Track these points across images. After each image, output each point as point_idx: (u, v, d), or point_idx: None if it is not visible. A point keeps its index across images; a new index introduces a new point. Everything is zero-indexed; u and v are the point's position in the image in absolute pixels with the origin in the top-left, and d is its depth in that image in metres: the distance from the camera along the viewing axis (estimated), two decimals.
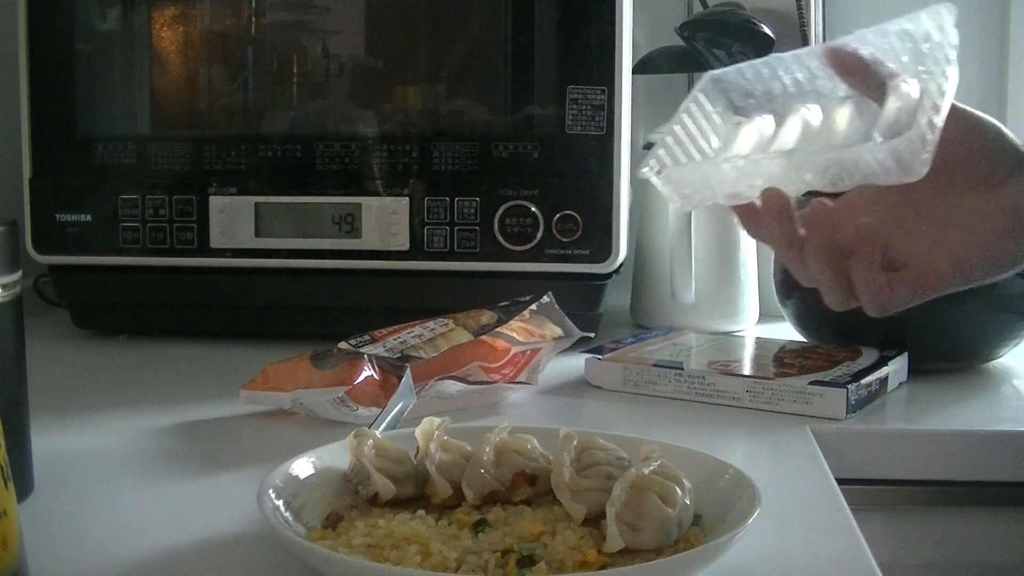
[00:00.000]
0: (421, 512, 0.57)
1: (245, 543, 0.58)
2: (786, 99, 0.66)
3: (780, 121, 0.66)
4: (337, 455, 0.62)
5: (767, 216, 0.63)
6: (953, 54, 0.61)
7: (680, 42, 1.27)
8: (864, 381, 0.84)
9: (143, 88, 1.09)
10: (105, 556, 0.57)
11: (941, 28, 0.61)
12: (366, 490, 0.59)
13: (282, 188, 1.05)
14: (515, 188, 1.02)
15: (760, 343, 1.02)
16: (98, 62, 1.08)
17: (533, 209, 1.02)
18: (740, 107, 0.68)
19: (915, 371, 0.93)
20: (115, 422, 0.82)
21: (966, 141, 0.62)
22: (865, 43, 0.64)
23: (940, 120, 0.58)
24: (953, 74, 0.60)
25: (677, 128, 0.67)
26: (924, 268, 0.63)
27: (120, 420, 0.82)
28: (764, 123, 0.67)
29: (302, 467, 0.61)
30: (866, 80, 0.63)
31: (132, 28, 1.08)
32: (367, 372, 0.79)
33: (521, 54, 1.03)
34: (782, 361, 0.91)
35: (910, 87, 0.61)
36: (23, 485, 0.62)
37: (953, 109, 0.60)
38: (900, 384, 0.91)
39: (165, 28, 1.08)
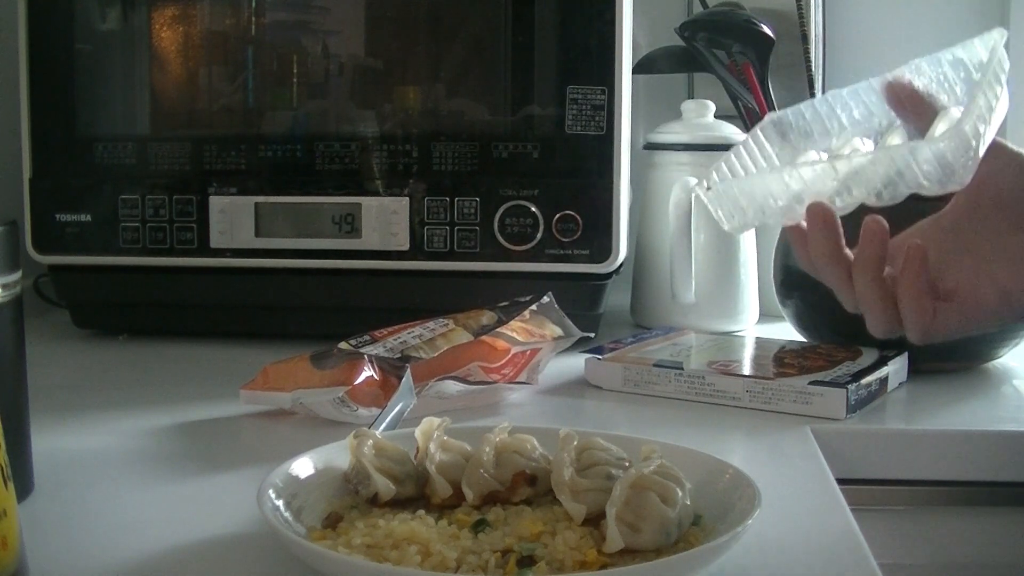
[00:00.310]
0: (421, 512, 0.57)
1: (245, 543, 0.58)
2: (842, 136, 0.67)
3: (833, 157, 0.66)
4: (337, 455, 0.62)
5: (812, 230, 0.62)
6: (1003, 77, 0.61)
7: (680, 42, 1.27)
8: (864, 381, 0.84)
9: (143, 88, 1.09)
10: (105, 556, 0.57)
11: (993, 52, 0.62)
12: (366, 490, 0.59)
13: (282, 188, 1.05)
14: (515, 188, 1.02)
15: (760, 343, 1.02)
16: (98, 62, 1.08)
17: (533, 209, 1.02)
18: (798, 148, 0.68)
19: (915, 371, 0.93)
20: (115, 422, 0.82)
21: (1020, 181, 0.63)
22: (920, 73, 0.64)
23: (987, 130, 0.58)
24: (1004, 95, 0.61)
25: (732, 157, 0.68)
26: (971, 298, 0.63)
27: (120, 420, 0.82)
28: (818, 156, 0.67)
29: (302, 467, 0.61)
30: (920, 113, 0.64)
31: (132, 28, 1.08)
32: (367, 372, 0.79)
33: (521, 54, 1.03)
34: (782, 361, 0.91)
35: (960, 112, 0.61)
36: (23, 485, 0.62)
37: (1009, 151, 0.62)
38: (900, 384, 0.91)
39: (165, 28, 1.08)
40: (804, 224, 0.63)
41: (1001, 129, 0.65)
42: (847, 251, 0.63)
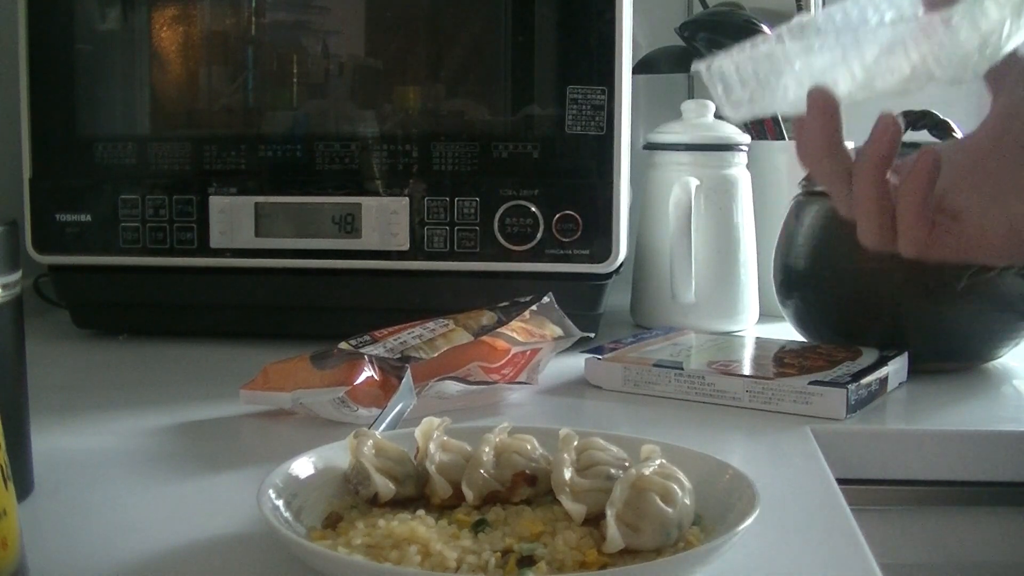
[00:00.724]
0: (421, 512, 0.57)
1: (245, 543, 0.58)
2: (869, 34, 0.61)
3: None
4: (337, 455, 0.62)
5: (810, 118, 0.57)
6: None
7: (680, 42, 1.27)
8: (864, 381, 0.84)
9: (143, 88, 1.09)
10: (105, 556, 0.57)
11: None
12: (366, 490, 0.59)
13: (282, 188, 1.05)
14: (515, 188, 1.02)
15: (760, 343, 1.02)
16: (98, 62, 1.08)
17: (533, 209, 1.02)
18: (818, 48, 0.62)
19: (915, 371, 0.93)
20: (115, 422, 0.82)
21: None
22: None
23: (1012, 25, 0.54)
24: None
25: (748, 46, 0.62)
26: (977, 224, 0.58)
27: (120, 420, 0.82)
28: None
29: (302, 467, 0.61)
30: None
31: (132, 28, 1.08)
32: (367, 373, 0.79)
33: (521, 54, 1.03)
34: (782, 361, 0.91)
35: None
36: (23, 485, 0.62)
37: None
38: (900, 384, 0.91)
39: (165, 28, 1.08)
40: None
41: None
42: (847, 145, 0.58)
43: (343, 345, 0.82)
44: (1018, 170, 0.58)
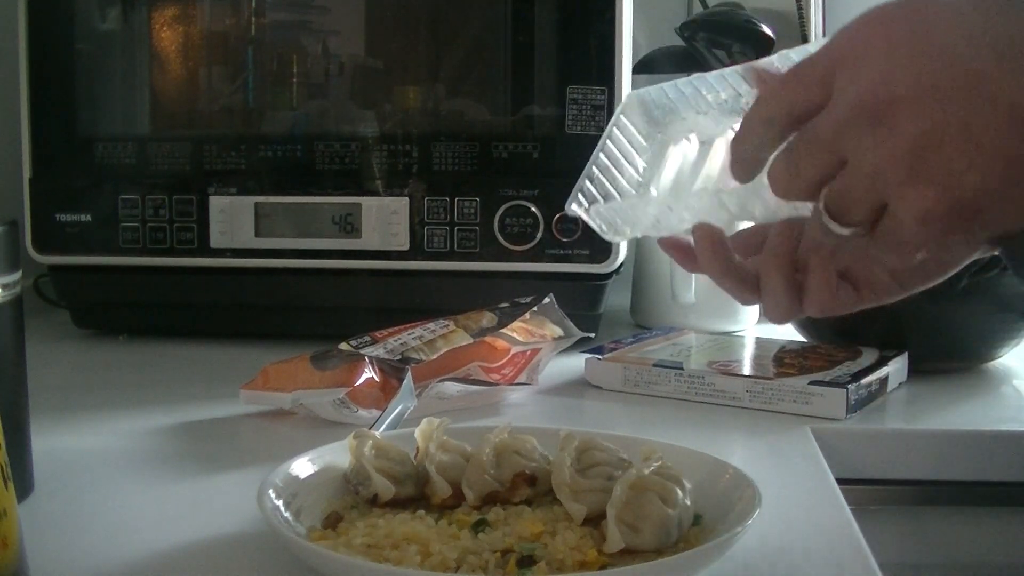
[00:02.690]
0: (421, 512, 0.57)
1: (245, 543, 0.58)
2: (710, 119, 0.64)
3: (705, 142, 0.64)
4: (337, 455, 0.62)
5: (702, 253, 0.60)
6: None
7: (680, 42, 1.27)
8: (864, 381, 0.84)
9: (143, 88, 1.09)
10: (105, 556, 0.57)
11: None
12: (366, 491, 0.59)
13: (282, 188, 1.05)
14: (515, 188, 1.02)
15: (760, 343, 1.02)
16: (98, 62, 1.08)
17: (533, 209, 1.02)
18: (664, 124, 0.66)
19: (915, 371, 0.93)
20: (115, 422, 0.82)
21: None
22: (789, 62, 0.60)
23: None
24: None
25: (602, 156, 0.65)
26: (865, 279, 0.62)
27: (120, 420, 0.82)
28: (689, 147, 0.65)
29: (302, 467, 0.61)
30: None
31: (132, 28, 1.08)
32: (367, 374, 0.79)
33: (521, 54, 1.03)
34: (782, 361, 0.91)
35: None
36: (23, 485, 0.62)
37: None
38: (900, 384, 0.91)
39: (165, 28, 1.08)
40: (689, 240, 0.62)
41: None
42: (737, 258, 0.61)
43: (343, 346, 0.82)
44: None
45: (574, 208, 0.65)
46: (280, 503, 0.57)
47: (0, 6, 1.13)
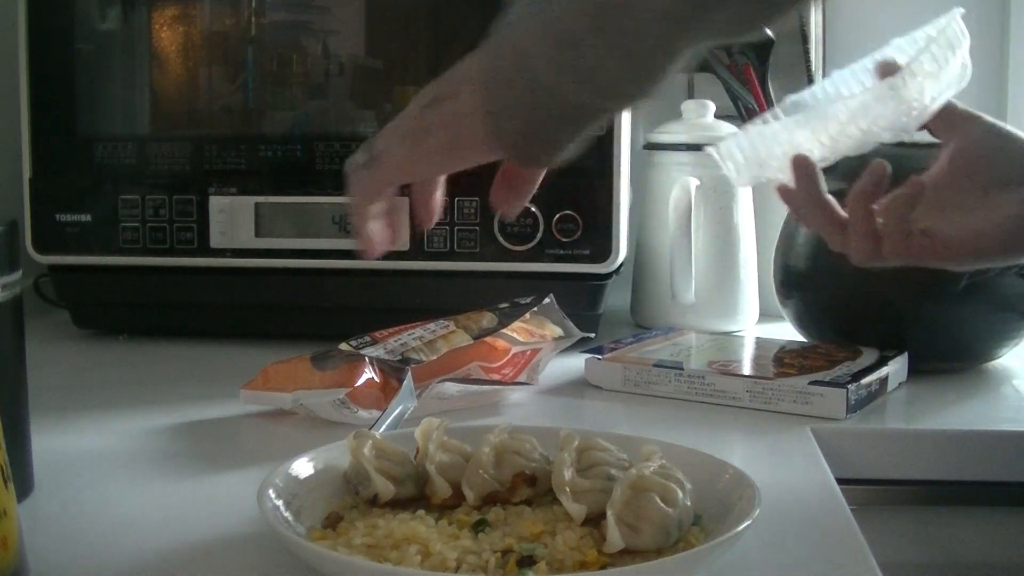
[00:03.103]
0: (421, 512, 0.57)
1: (245, 543, 0.58)
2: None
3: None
4: (337, 455, 0.62)
5: (796, 181, 0.72)
6: (959, 45, 0.73)
7: None
8: (864, 381, 0.84)
9: (143, 88, 1.09)
10: (105, 556, 0.57)
11: (944, 25, 0.73)
12: (366, 491, 0.59)
13: (282, 188, 1.05)
14: None
15: (760, 343, 1.02)
16: (98, 62, 1.08)
17: (533, 209, 1.02)
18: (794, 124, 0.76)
19: (915, 371, 0.93)
20: (115, 422, 0.82)
21: (994, 147, 0.74)
22: (900, 50, 0.76)
23: (932, 87, 0.71)
24: (956, 62, 0.73)
25: (752, 128, 0.76)
26: (946, 237, 0.71)
27: (120, 420, 0.82)
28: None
29: (302, 467, 0.61)
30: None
31: (132, 28, 1.08)
32: (368, 374, 0.79)
33: None
34: (782, 361, 0.91)
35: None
36: (23, 485, 0.62)
37: (982, 122, 0.74)
38: (900, 384, 0.91)
39: (165, 28, 1.08)
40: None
41: (1001, 120, 0.75)
42: (828, 196, 0.72)
43: (343, 346, 0.82)
44: (985, 198, 0.73)
45: (708, 148, 0.78)
46: (280, 503, 0.57)
47: (0, 6, 1.13)
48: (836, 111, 0.72)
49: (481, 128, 0.63)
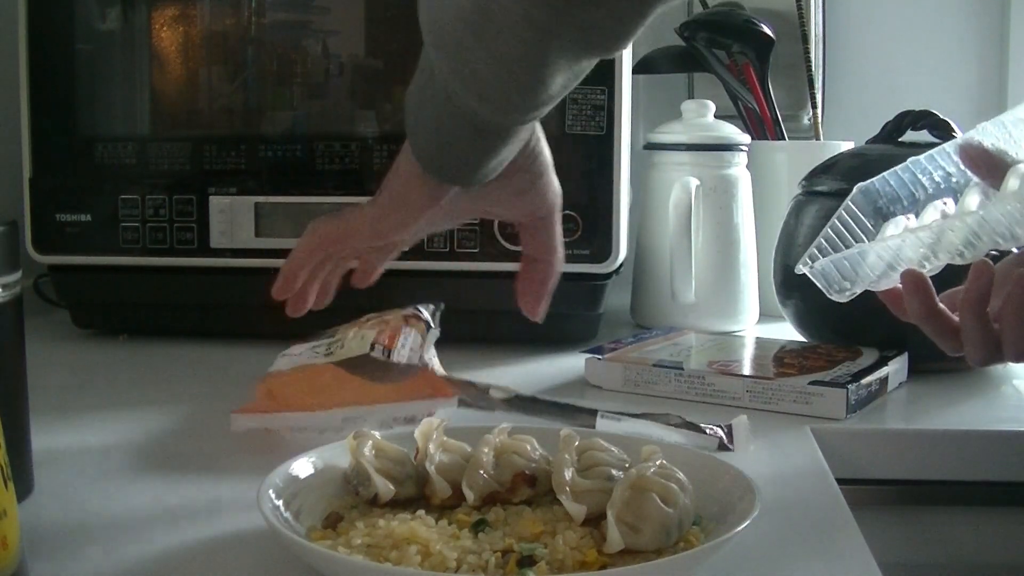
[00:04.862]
0: (421, 512, 0.57)
1: (245, 543, 0.58)
2: (927, 199, 0.75)
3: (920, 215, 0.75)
4: (337, 455, 0.62)
5: (908, 296, 0.70)
6: None
7: (680, 42, 1.27)
8: (864, 381, 0.84)
9: (143, 88, 1.09)
10: (105, 556, 0.57)
11: None
12: (366, 491, 0.59)
13: (282, 188, 1.05)
14: None
15: (760, 343, 1.02)
16: (98, 62, 1.08)
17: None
18: (887, 214, 0.76)
19: (915, 371, 0.93)
20: (115, 422, 0.82)
21: None
22: (987, 134, 0.72)
23: None
24: None
25: (830, 231, 0.75)
26: None
27: (120, 420, 0.82)
28: (907, 220, 0.75)
29: (302, 467, 0.61)
30: (992, 169, 0.71)
31: (132, 28, 1.08)
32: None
33: None
34: (782, 361, 0.91)
35: None
36: (23, 485, 0.62)
37: None
38: (900, 384, 0.91)
39: (165, 28, 1.08)
40: (899, 286, 0.71)
41: None
42: (941, 306, 0.70)
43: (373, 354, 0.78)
44: None
45: (800, 267, 0.76)
46: (280, 503, 0.57)
47: (0, 6, 1.13)
48: (950, 227, 0.69)
49: (404, 153, 0.68)
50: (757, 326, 1.17)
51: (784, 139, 1.27)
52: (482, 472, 0.59)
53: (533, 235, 0.78)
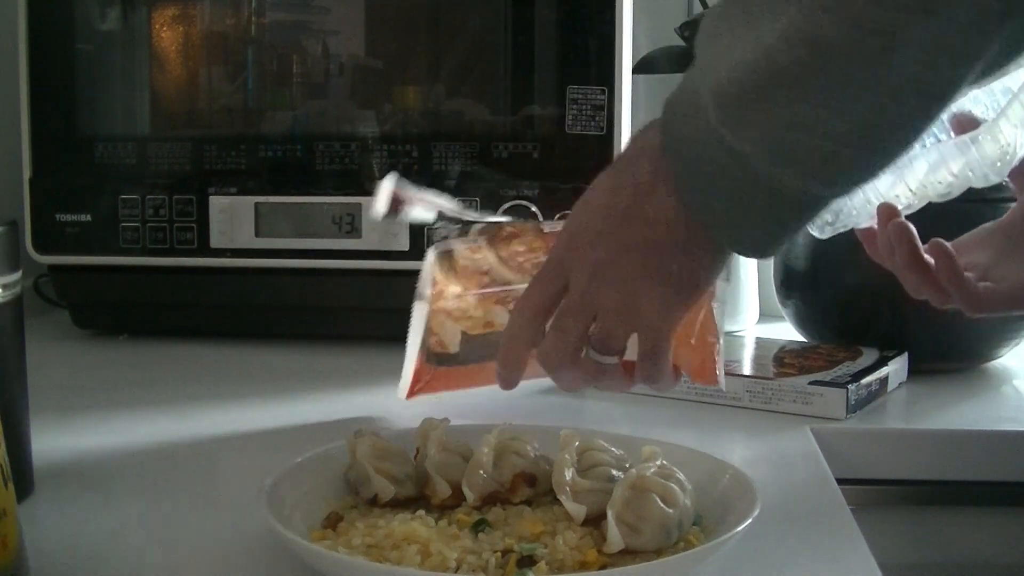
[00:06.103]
0: (421, 512, 0.57)
1: (245, 543, 0.58)
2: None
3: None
4: (337, 455, 0.62)
5: (896, 243, 0.71)
6: None
7: (680, 42, 1.27)
8: (864, 381, 0.84)
9: (143, 88, 1.09)
10: (105, 556, 0.57)
11: None
12: (366, 491, 0.59)
13: (282, 188, 1.05)
14: (515, 188, 1.02)
15: (760, 343, 1.02)
16: (98, 62, 1.08)
17: (533, 209, 1.02)
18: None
19: (915, 371, 0.93)
20: (115, 422, 0.82)
21: None
22: (977, 102, 0.74)
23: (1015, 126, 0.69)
24: None
25: None
26: (1018, 283, 0.72)
27: (120, 420, 0.82)
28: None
29: (302, 467, 0.61)
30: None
31: (132, 28, 1.08)
32: None
33: (521, 54, 1.03)
34: (782, 361, 0.91)
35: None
36: (23, 485, 0.62)
37: None
38: (900, 384, 0.91)
39: (165, 28, 1.08)
40: (875, 226, 0.73)
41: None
42: (917, 241, 0.71)
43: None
44: None
45: None
46: (280, 503, 0.57)
47: (0, 6, 1.13)
48: (925, 156, 0.71)
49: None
50: (757, 326, 1.17)
51: None
52: (482, 472, 0.59)
53: None
